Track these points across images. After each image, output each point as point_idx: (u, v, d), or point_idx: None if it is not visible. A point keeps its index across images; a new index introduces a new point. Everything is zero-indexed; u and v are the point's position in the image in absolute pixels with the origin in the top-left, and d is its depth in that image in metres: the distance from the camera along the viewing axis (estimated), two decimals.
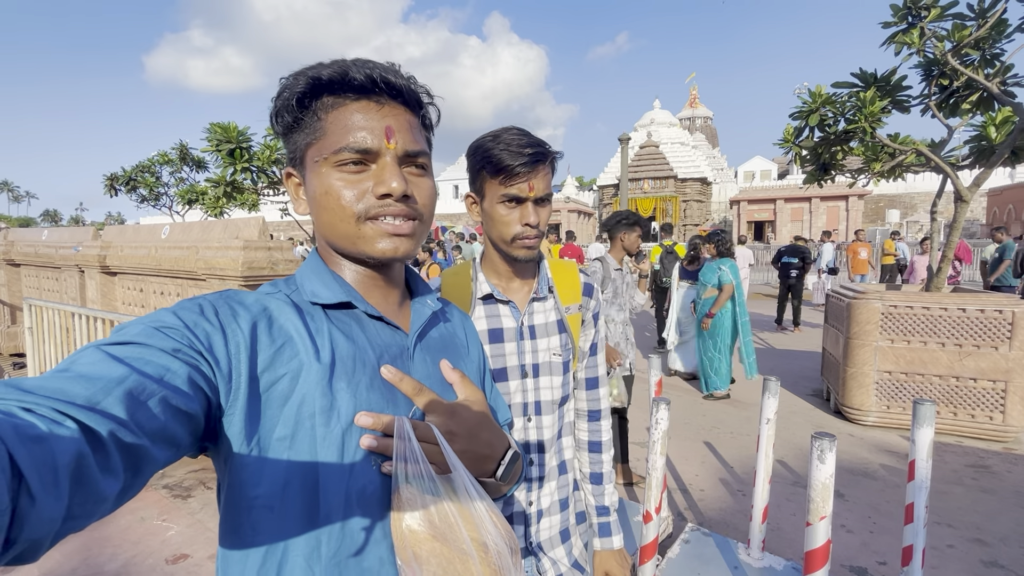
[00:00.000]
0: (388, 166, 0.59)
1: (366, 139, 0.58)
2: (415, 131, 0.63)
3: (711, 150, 42.35)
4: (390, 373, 0.60)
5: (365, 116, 0.59)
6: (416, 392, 0.61)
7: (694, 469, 3.56)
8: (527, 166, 0.94)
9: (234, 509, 0.54)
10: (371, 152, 0.59)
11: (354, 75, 0.58)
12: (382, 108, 0.60)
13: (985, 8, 3.95)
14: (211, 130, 8.87)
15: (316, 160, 0.60)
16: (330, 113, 0.59)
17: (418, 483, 0.53)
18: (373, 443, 0.55)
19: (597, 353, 1.19)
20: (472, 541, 0.54)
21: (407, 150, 0.61)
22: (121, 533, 2.59)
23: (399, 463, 0.53)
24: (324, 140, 0.59)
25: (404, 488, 0.54)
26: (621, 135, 15.00)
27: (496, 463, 0.65)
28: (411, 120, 0.63)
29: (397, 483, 0.54)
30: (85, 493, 0.36)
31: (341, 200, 0.59)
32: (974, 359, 3.93)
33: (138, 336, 0.47)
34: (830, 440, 1.57)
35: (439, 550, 0.53)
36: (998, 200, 25.41)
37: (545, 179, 0.98)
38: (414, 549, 0.53)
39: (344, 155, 0.58)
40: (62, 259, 5.34)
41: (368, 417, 0.55)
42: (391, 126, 0.60)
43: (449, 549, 0.53)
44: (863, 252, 10.68)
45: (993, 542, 2.65)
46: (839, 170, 5.21)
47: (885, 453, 3.78)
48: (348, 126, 0.59)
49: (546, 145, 0.98)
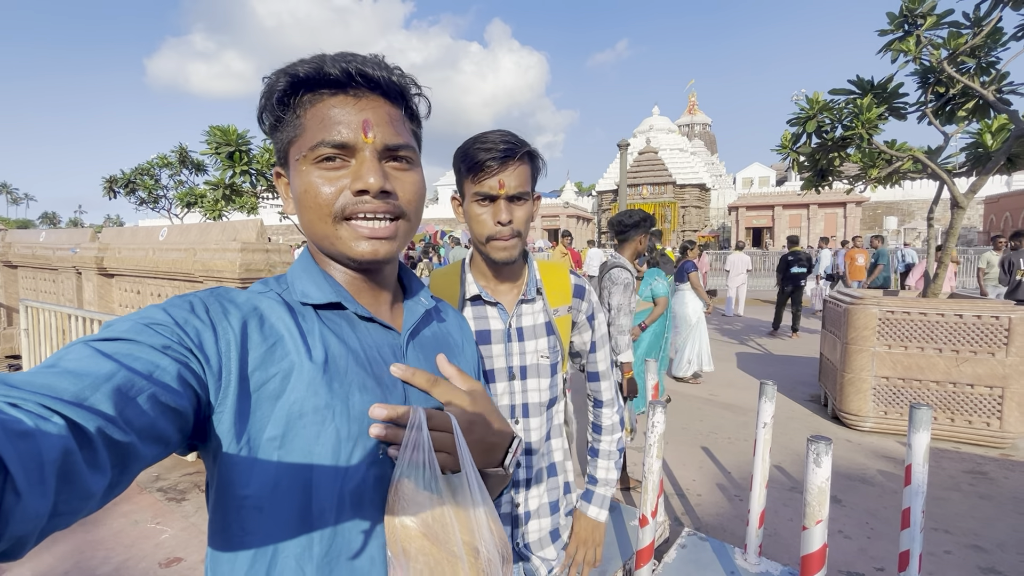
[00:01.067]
0: (366, 161, 0.58)
1: (342, 133, 0.57)
2: (397, 124, 0.61)
3: (710, 156, 42.55)
4: (400, 370, 0.59)
5: (342, 110, 0.58)
6: (431, 384, 0.59)
7: (691, 474, 3.55)
8: (496, 161, 0.93)
9: (223, 509, 0.54)
10: (348, 146, 0.58)
11: (329, 70, 0.57)
12: (359, 101, 0.59)
13: (980, 17, 3.98)
14: (211, 133, 8.90)
15: (297, 158, 0.60)
16: (308, 110, 0.58)
17: (419, 478, 0.52)
18: (382, 432, 0.54)
19: (597, 351, 1.20)
20: (464, 545, 0.53)
21: (387, 143, 0.59)
22: (114, 536, 2.57)
23: (405, 452, 0.52)
24: (303, 137, 0.59)
25: (404, 482, 0.53)
26: (620, 141, 15.05)
27: (504, 452, 0.64)
28: (392, 112, 0.61)
29: (398, 475, 0.53)
30: (71, 489, 0.35)
31: (319, 198, 0.58)
32: (971, 365, 3.94)
33: (127, 332, 0.46)
34: (826, 444, 1.57)
35: (428, 549, 0.52)
36: (995, 207, 25.54)
37: (517, 175, 0.95)
38: (404, 544, 0.52)
39: (321, 150, 0.57)
40: (59, 261, 5.33)
41: (383, 408, 0.53)
42: (369, 119, 0.58)
43: (439, 550, 0.52)
44: (860, 259, 10.71)
45: (991, 548, 2.64)
46: (837, 176, 5.23)
47: (882, 459, 3.77)
48: (325, 121, 0.58)
49: (520, 142, 0.96)
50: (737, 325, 9.98)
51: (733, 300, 11.16)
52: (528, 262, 1.12)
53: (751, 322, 10.28)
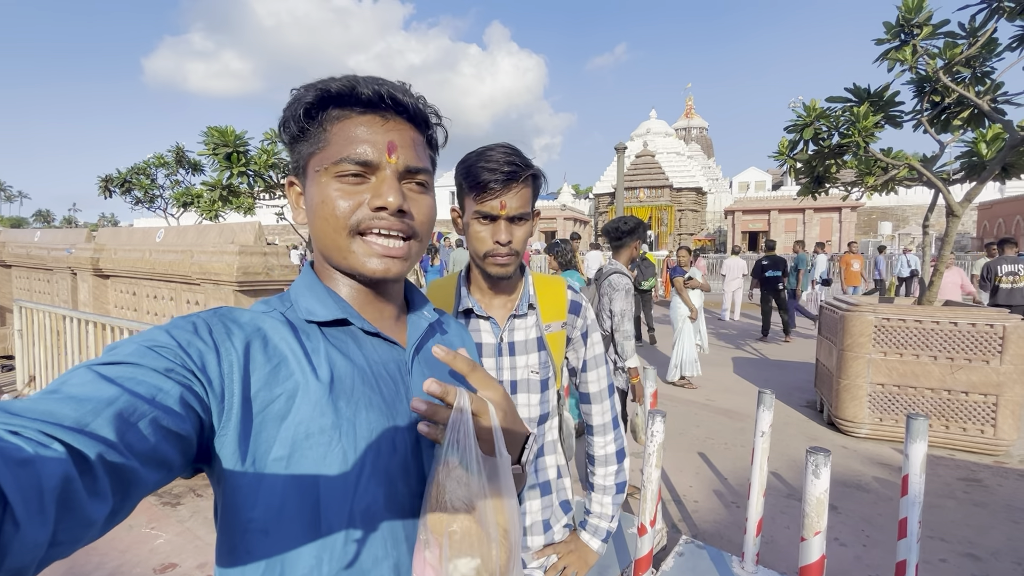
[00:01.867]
0: (387, 179, 0.59)
1: (367, 152, 0.59)
2: (418, 148, 0.63)
3: (706, 160, 42.74)
4: (443, 352, 0.58)
5: (369, 129, 0.59)
6: (471, 369, 0.59)
7: (688, 481, 3.56)
8: (500, 184, 0.93)
9: (229, 531, 0.54)
10: (371, 165, 0.59)
11: (362, 89, 0.59)
12: (387, 123, 0.61)
13: (976, 28, 4.02)
14: (208, 134, 8.87)
15: (317, 170, 0.60)
16: (335, 125, 0.60)
17: (465, 458, 0.52)
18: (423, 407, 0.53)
19: (589, 371, 1.16)
20: (498, 527, 0.53)
21: (408, 166, 0.61)
22: (108, 541, 2.55)
23: (452, 431, 0.52)
24: (327, 150, 0.59)
25: (451, 460, 0.53)
26: (617, 144, 15.11)
27: (520, 448, 0.64)
28: (415, 137, 0.63)
29: (444, 454, 0.53)
30: (72, 518, 0.35)
31: (336, 210, 0.59)
32: (966, 372, 3.96)
33: (130, 356, 0.46)
34: (825, 455, 1.58)
35: (472, 529, 0.52)
36: (988, 214, 25.76)
37: (520, 197, 0.96)
38: (449, 524, 0.52)
39: (344, 166, 0.58)
40: (54, 261, 5.29)
41: (437, 385, 0.52)
42: (394, 141, 0.60)
43: (479, 529, 0.53)
44: (856, 264, 10.78)
45: (985, 556, 2.66)
46: (833, 183, 5.27)
47: (878, 465, 3.79)
48: (351, 138, 0.59)
49: (525, 163, 0.95)
50: (732, 330, 10.01)
51: (729, 304, 11.20)
52: (524, 276, 1.12)
53: (746, 326, 10.31)
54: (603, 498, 1.16)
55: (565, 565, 1.10)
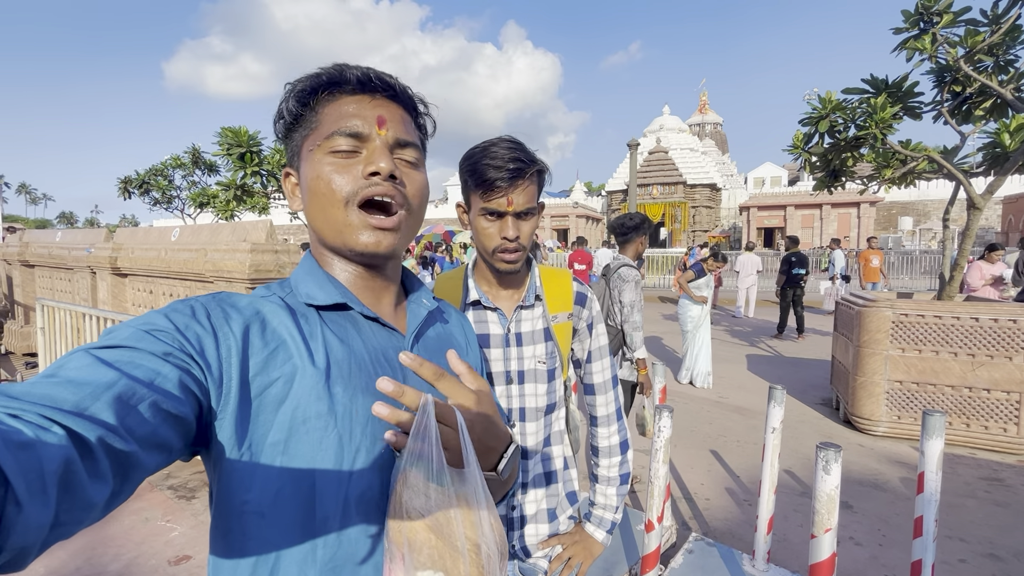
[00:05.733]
0: (378, 148, 0.61)
1: (358, 124, 0.60)
2: (407, 124, 0.65)
3: (721, 156, 42.19)
4: (409, 358, 0.55)
5: (359, 106, 0.62)
6: (437, 377, 0.56)
7: (699, 477, 3.52)
8: (506, 181, 0.93)
9: (224, 514, 0.54)
10: (362, 136, 0.61)
11: (350, 73, 0.62)
12: (375, 100, 0.63)
13: (999, 14, 3.90)
14: (222, 134, 9.00)
15: (311, 149, 0.62)
16: (326, 107, 0.62)
17: (426, 469, 0.51)
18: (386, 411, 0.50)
19: (593, 361, 1.18)
20: (467, 540, 0.52)
21: (398, 138, 0.63)
22: (125, 533, 2.61)
23: (413, 440, 0.50)
24: (318, 129, 0.62)
25: (411, 472, 0.51)
26: (630, 140, 15.00)
27: (499, 456, 0.62)
28: (404, 115, 0.65)
29: (404, 464, 0.51)
30: (73, 500, 0.35)
31: (332, 184, 0.60)
32: (987, 369, 3.86)
33: (128, 339, 0.47)
34: (835, 450, 1.55)
35: (433, 541, 0.51)
36: (1013, 207, 25.04)
37: (526, 193, 0.97)
38: (409, 535, 0.51)
39: (336, 140, 0.60)
40: (75, 260, 5.42)
41: (390, 383, 0.50)
42: (383, 115, 0.62)
43: (442, 543, 0.51)
44: (875, 260, 10.54)
45: (1007, 557, 2.59)
46: (850, 177, 5.16)
47: (896, 464, 3.71)
48: (342, 114, 0.61)
49: (530, 159, 0.96)
50: (747, 327, 9.88)
51: (743, 301, 11.05)
52: (531, 269, 1.13)
53: (761, 324, 10.17)
54: (607, 489, 1.17)
55: (570, 555, 1.11)
